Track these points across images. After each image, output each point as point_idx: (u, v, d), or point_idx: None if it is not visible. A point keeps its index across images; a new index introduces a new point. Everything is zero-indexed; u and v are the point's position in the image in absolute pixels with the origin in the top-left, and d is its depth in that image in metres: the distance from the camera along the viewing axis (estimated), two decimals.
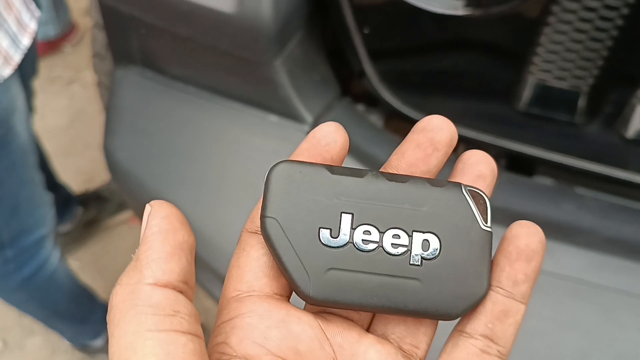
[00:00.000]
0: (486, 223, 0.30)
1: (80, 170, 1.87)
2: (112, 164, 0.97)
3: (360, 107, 0.96)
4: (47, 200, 1.13)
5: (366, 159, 0.86)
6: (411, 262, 0.29)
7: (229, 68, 0.87)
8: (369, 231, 0.29)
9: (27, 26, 0.91)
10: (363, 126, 0.92)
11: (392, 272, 0.28)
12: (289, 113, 0.87)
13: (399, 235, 0.29)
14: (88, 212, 1.66)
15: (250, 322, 0.28)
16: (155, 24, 0.88)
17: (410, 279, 0.28)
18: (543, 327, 0.72)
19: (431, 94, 0.89)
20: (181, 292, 0.25)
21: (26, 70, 1.08)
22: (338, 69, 0.94)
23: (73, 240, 1.66)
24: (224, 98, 0.91)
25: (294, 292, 0.30)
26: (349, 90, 0.96)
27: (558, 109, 0.79)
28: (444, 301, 0.28)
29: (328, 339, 0.28)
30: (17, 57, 0.89)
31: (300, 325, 0.28)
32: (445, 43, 0.83)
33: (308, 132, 0.87)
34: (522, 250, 0.29)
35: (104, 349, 1.42)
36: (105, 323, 1.38)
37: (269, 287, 0.29)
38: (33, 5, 0.94)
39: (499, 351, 0.29)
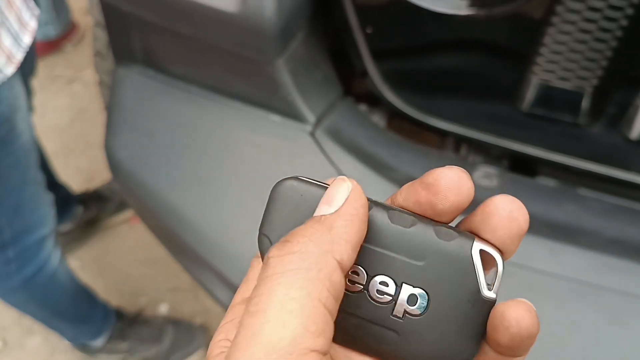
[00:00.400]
0: (491, 289, 0.27)
1: (80, 170, 1.87)
2: (113, 163, 0.97)
3: (363, 107, 0.96)
4: (48, 199, 1.13)
5: (368, 159, 0.85)
6: (393, 314, 0.27)
7: (231, 67, 0.87)
8: (357, 272, 0.27)
9: (28, 24, 0.91)
10: (365, 126, 0.92)
11: (372, 318, 0.27)
12: (291, 112, 0.87)
13: (386, 283, 0.27)
14: (88, 212, 1.66)
15: None
16: (157, 22, 0.88)
17: (389, 329, 0.27)
18: (545, 327, 0.71)
19: (434, 94, 0.89)
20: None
21: (25, 69, 1.08)
22: (340, 69, 0.93)
23: (73, 239, 1.66)
24: (226, 97, 0.90)
25: None
26: (351, 90, 0.96)
27: (561, 110, 0.79)
28: (421, 359, 0.27)
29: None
30: (19, 56, 0.89)
31: None
32: (449, 43, 0.83)
33: (310, 132, 0.87)
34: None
35: (104, 349, 1.42)
36: (105, 323, 1.38)
37: None
38: (32, 4, 0.94)
39: None
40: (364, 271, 0.27)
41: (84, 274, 1.52)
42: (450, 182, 0.27)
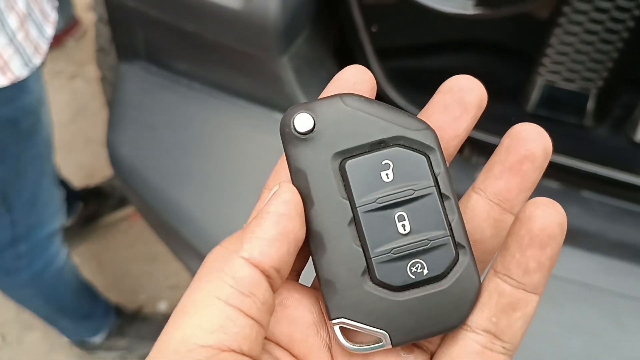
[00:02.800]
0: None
1: (81, 166, 1.87)
2: (114, 159, 0.96)
3: None
4: (60, 193, 1.13)
5: None
6: None
7: (234, 64, 0.87)
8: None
9: (49, 15, 0.91)
10: None
11: None
12: None
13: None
14: (89, 208, 1.65)
15: None
16: (160, 18, 0.88)
17: None
18: (548, 330, 0.71)
19: None
20: (269, 277, 0.25)
21: None
22: (345, 67, 0.93)
23: (73, 235, 1.66)
24: (229, 95, 0.90)
25: (304, 268, 0.30)
26: None
27: (566, 111, 0.79)
28: None
29: (326, 324, 0.28)
30: (44, 46, 0.90)
31: (299, 310, 0.28)
32: (454, 43, 0.82)
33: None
34: (536, 235, 0.26)
35: (102, 346, 1.42)
36: (106, 319, 1.37)
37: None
38: None
39: (503, 347, 0.26)
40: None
41: (84, 270, 1.51)
42: (469, 82, 0.30)
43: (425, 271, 0.26)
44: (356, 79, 0.29)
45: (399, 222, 0.27)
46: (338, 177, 0.27)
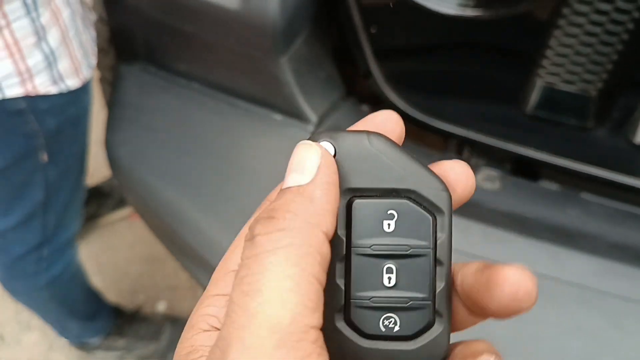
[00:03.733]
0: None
1: None
2: (113, 159, 0.96)
3: (365, 108, 0.96)
4: (82, 196, 1.14)
5: None
6: None
7: (233, 65, 0.87)
8: None
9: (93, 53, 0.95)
10: None
11: None
12: (293, 112, 0.86)
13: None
14: (87, 208, 1.65)
15: None
16: (160, 19, 0.88)
17: None
18: (547, 332, 0.71)
19: (437, 95, 0.88)
20: None
21: None
22: (344, 69, 0.93)
23: None
24: (228, 95, 0.90)
25: None
26: (354, 90, 0.96)
27: (566, 113, 0.79)
28: None
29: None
30: (95, 49, 0.94)
31: None
32: (453, 44, 0.82)
33: (312, 132, 0.86)
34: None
35: (102, 346, 1.41)
36: (109, 320, 1.37)
37: None
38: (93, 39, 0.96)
39: None
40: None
41: None
42: (458, 175, 0.27)
43: (397, 328, 0.26)
44: (387, 124, 0.29)
45: (386, 273, 0.27)
46: (343, 212, 0.27)
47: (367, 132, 0.28)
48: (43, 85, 0.83)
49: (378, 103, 0.95)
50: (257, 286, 0.22)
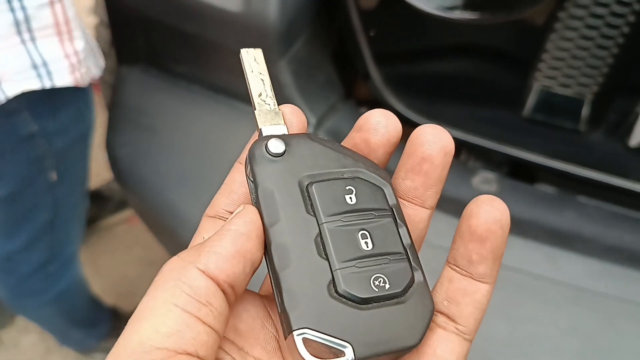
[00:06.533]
0: None
1: None
2: (113, 160, 0.97)
3: (364, 110, 0.96)
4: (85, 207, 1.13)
5: None
6: None
7: (233, 67, 0.87)
8: None
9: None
10: None
11: None
12: None
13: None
14: (87, 211, 1.65)
15: None
16: (161, 21, 0.88)
17: None
18: (543, 333, 0.71)
19: (435, 98, 0.89)
20: (224, 291, 0.26)
21: None
22: (343, 71, 0.94)
23: None
24: (228, 97, 0.91)
25: None
26: (353, 92, 0.96)
27: (562, 116, 0.79)
28: None
29: (272, 318, 0.29)
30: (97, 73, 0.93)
31: (243, 304, 0.29)
32: (451, 48, 0.83)
33: (311, 133, 0.86)
34: (474, 230, 0.28)
35: (99, 348, 1.41)
36: (109, 325, 1.35)
37: None
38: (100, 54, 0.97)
39: (457, 328, 0.28)
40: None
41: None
42: (377, 118, 0.31)
43: (387, 285, 0.28)
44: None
45: (362, 239, 0.29)
46: (305, 196, 0.29)
47: (307, 133, 0.32)
48: (88, 73, 0.81)
49: (376, 106, 0.96)
50: (133, 317, 0.25)
